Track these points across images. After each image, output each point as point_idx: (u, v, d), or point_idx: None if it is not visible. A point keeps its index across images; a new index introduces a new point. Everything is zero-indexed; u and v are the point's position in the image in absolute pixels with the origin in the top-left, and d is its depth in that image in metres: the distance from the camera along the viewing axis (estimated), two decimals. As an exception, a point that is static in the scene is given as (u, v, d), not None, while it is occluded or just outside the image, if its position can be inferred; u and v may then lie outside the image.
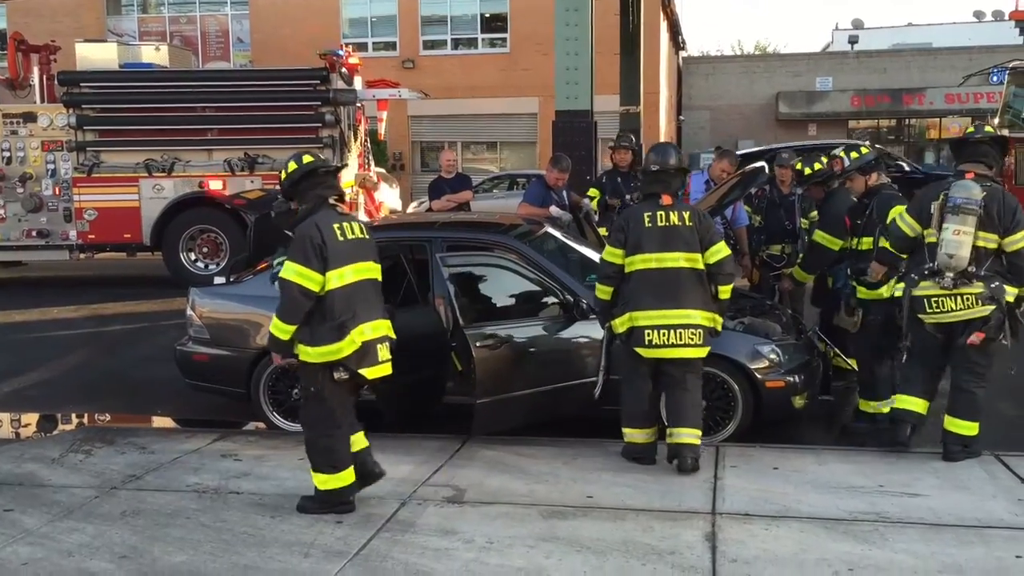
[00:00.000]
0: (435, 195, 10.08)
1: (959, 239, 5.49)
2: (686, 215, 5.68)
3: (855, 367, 7.05)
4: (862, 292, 6.54)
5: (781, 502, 5.13)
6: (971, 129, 6.09)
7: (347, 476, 5.06)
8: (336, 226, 5.01)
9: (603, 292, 5.84)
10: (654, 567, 4.37)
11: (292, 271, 4.88)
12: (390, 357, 5.13)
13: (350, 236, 5.04)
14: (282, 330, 4.94)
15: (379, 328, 5.07)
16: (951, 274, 5.54)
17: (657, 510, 5.07)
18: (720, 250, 5.68)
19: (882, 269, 6.32)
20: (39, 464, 6.08)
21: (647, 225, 5.65)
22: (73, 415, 7.93)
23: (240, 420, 7.34)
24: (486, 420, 5.99)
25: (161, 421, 7.81)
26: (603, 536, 4.72)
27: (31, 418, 7.95)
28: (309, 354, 4.94)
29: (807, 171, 7.60)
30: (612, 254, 5.77)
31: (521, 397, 6.02)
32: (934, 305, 5.64)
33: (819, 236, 7.16)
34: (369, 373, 5.02)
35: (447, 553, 4.57)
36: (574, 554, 4.52)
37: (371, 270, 5.14)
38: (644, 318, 5.59)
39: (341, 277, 4.93)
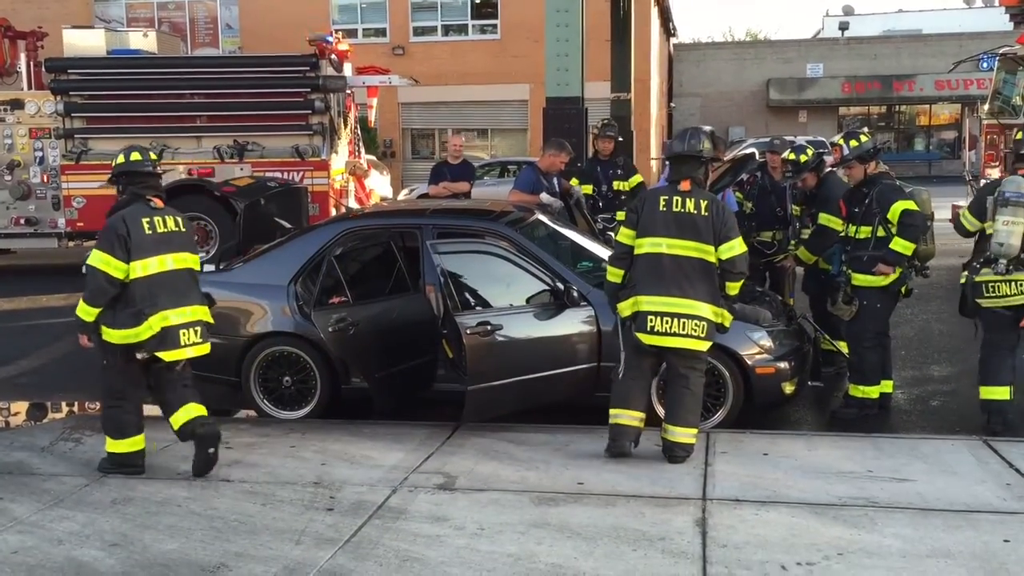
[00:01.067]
0: (435, 180, 9.94)
1: (1009, 229, 6.00)
2: (703, 204, 5.56)
3: (844, 351, 7.10)
4: (856, 279, 6.57)
5: (771, 487, 5.15)
6: (1020, 136, 6.51)
7: (133, 443, 5.56)
8: (146, 220, 5.42)
9: (613, 274, 5.77)
10: (645, 552, 4.38)
11: (98, 259, 5.32)
12: (199, 340, 5.53)
13: (160, 229, 5.45)
14: (87, 312, 5.37)
15: (188, 314, 5.47)
16: (1004, 261, 6.04)
17: (648, 496, 5.08)
18: (734, 247, 5.54)
19: (889, 270, 6.42)
20: (29, 452, 6.06)
21: (661, 209, 5.57)
22: (63, 403, 7.91)
23: (230, 408, 7.33)
24: (477, 407, 5.99)
25: (151, 409, 7.77)
26: (594, 522, 4.73)
27: (21, 406, 7.93)
28: (111, 335, 5.38)
29: (803, 158, 7.61)
30: (624, 235, 5.71)
31: (512, 384, 6.02)
32: (991, 290, 6.16)
33: (824, 219, 7.30)
34: (167, 356, 5.41)
35: (438, 540, 4.58)
36: (565, 540, 4.53)
37: (184, 260, 5.55)
38: (648, 303, 5.52)
39: (145, 267, 5.35)
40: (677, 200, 5.56)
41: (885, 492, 5.05)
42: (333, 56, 14.07)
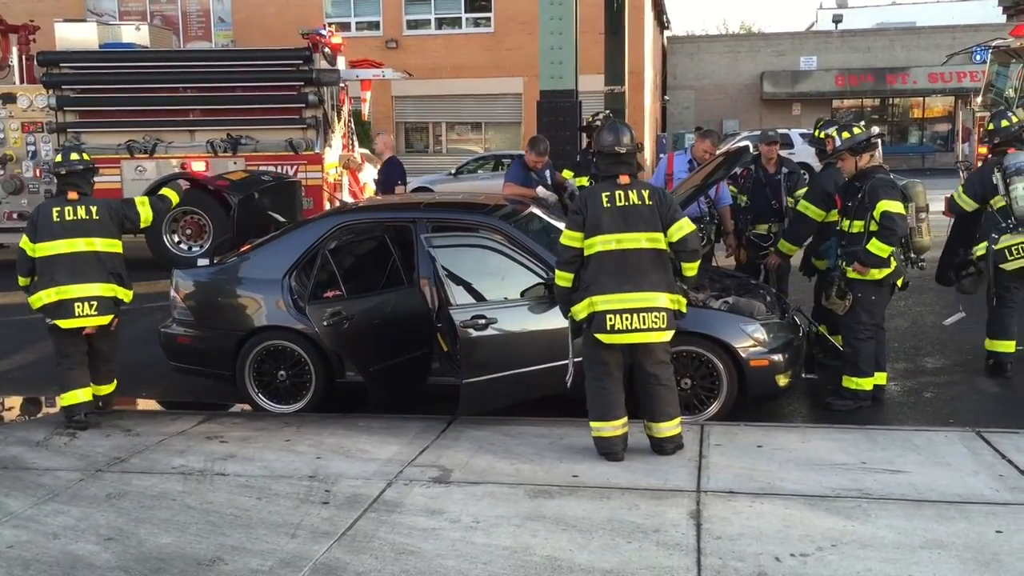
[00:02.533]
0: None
1: None
2: (645, 193, 5.48)
3: (839, 345, 7.13)
4: (852, 273, 6.57)
5: (765, 479, 5.16)
6: (991, 125, 7.65)
7: (74, 396, 6.47)
8: (56, 209, 6.49)
9: (563, 279, 5.59)
10: (639, 544, 4.40)
11: (22, 239, 6.63)
12: (94, 313, 6.41)
13: (69, 218, 6.45)
14: (17, 280, 6.68)
15: (84, 290, 6.39)
16: None
17: (642, 488, 5.09)
18: (683, 227, 5.46)
19: (865, 270, 6.47)
20: (24, 447, 6.06)
21: (605, 205, 5.45)
22: (57, 398, 7.88)
23: (225, 402, 7.33)
24: (472, 400, 6.00)
25: (146, 403, 7.79)
26: (589, 515, 4.74)
27: (15, 401, 7.91)
28: (30, 303, 6.57)
29: (816, 133, 7.88)
30: (570, 237, 5.52)
31: (507, 377, 6.03)
32: (1015, 252, 7.17)
33: (802, 206, 7.42)
34: (61, 323, 6.39)
35: (434, 533, 4.58)
36: (560, 533, 4.55)
37: (93, 244, 6.49)
38: (604, 302, 5.39)
39: (46, 249, 6.45)
40: (620, 194, 5.46)
41: (878, 483, 5.07)
42: (326, 49, 14.05)
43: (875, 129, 6.92)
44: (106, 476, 5.49)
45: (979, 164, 13.21)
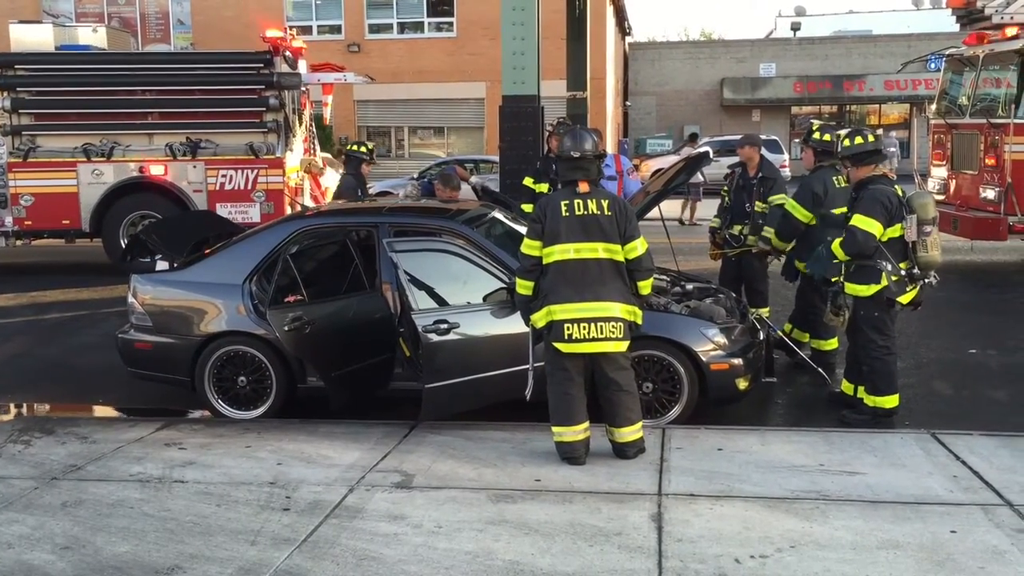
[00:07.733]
0: None
1: None
2: (605, 204, 5.48)
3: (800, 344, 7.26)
4: (848, 288, 6.48)
5: (725, 482, 5.21)
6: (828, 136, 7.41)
7: None
8: None
9: (523, 287, 5.62)
10: (601, 548, 4.42)
11: None
12: None
13: None
14: None
15: None
16: None
17: (604, 492, 5.12)
18: (636, 247, 5.47)
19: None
20: (-24, 455, 5.95)
21: (564, 214, 5.46)
22: (12, 405, 7.75)
23: (184, 408, 7.26)
24: (435, 405, 5.99)
25: (102, 410, 7.69)
26: (551, 519, 4.75)
27: (-33, 409, 7.77)
28: None
29: (816, 135, 7.76)
30: (530, 246, 5.54)
31: (469, 381, 6.02)
32: None
33: (789, 205, 7.56)
34: None
35: (396, 538, 4.57)
36: (522, 537, 4.55)
37: None
38: (562, 311, 5.42)
39: None
40: (579, 203, 5.47)
41: (836, 485, 5.13)
42: (287, 53, 13.96)
43: (891, 140, 6.85)
44: (62, 484, 5.41)
45: (933, 167, 13.48)
